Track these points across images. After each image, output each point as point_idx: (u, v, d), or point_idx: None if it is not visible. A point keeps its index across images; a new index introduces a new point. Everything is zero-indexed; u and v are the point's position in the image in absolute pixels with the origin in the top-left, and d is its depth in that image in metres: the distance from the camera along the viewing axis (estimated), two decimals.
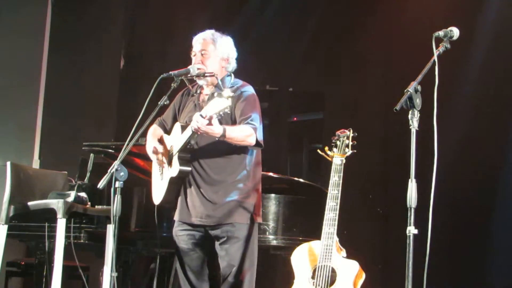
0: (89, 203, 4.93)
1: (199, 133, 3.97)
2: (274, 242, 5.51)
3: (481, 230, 7.27)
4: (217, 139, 4.03)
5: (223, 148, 4.23)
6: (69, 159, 5.96)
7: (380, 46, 7.89)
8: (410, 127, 3.33)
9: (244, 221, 4.25)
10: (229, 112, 3.91)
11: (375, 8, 8.02)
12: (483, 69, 7.12)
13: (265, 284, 4.41)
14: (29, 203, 4.89)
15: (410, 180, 3.29)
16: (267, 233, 5.51)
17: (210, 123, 3.84)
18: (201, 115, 3.81)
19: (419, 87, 3.39)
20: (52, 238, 4.75)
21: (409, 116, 3.35)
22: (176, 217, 4.38)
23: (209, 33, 4.41)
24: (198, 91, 4.45)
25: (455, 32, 3.49)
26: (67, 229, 4.67)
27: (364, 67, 7.89)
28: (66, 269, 4.61)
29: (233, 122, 4.20)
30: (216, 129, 3.94)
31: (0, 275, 4.88)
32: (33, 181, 5.23)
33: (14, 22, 7.41)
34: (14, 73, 7.25)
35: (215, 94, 3.89)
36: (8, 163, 5.00)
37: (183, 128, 4.17)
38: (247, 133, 4.15)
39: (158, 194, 4.40)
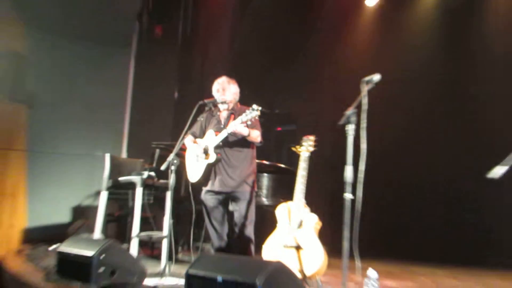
0: (156, 178, 4.96)
1: (234, 132, 4.13)
2: (265, 202, 5.55)
3: (399, 199, 7.28)
4: (237, 138, 4.21)
5: (240, 145, 4.33)
6: (145, 152, 6.00)
7: (329, 81, 7.79)
8: (347, 133, 3.43)
9: (247, 190, 4.34)
10: (252, 122, 4.10)
11: (329, 56, 7.91)
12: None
13: (259, 228, 4.44)
14: (120, 178, 4.98)
15: (347, 165, 3.38)
16: (262, 197, 5.57)
17: (245, 126, 4.08)
18: (242, 121, 4.04)
19: (354, 110, 3.47)
20: (133, 199, 4.79)
21: (347, 127, 3.44)
22: (206, 187, 4.40)
23: (224, 78, 4.49)
24: (218, 113, 4.50)
25: (377, 77, 3.53)
26: (143, 194, 4.75)
27: (321, 94, 7.82)
28: (142, 218, 4.65)
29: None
30: (245, 131, 4.14)
31: (103, 221, 4.92)
32: (122, 165, 5.28)
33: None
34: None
35: (251, 108, 4.06)
36: (107, 154, 5.08)
37: (216, 133, 4.29)
38: (257, 134, 4.31)
39: (195, 174, 4.41)
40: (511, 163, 2.87)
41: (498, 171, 2.91)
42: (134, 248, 4.43)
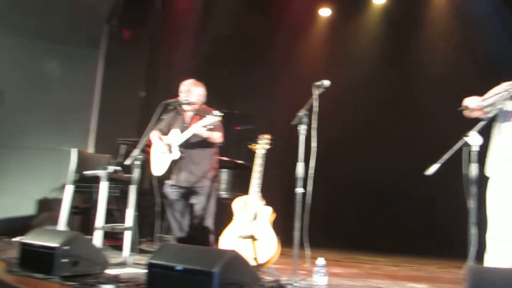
0: (121, 173, 4.87)
1: (197, 134, 4.12)
2: (223, 196, 5.54)
3: (345, 193, 7.39)
4: (204, 138, 4.20)
5: (203, 144, 4.30)
6: (111, 148, 5.87)
7: (283, 84, 7.80)
8: (299, 133, 3.46)
9: (208, 184, 4.31)
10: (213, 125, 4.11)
11: (285, 61, 7.91)
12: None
13: (217, 220, 4.42)
14: (85, 172, 4.86)
15: (298, 162, 3.41)
16: (221, 191, 5.55)
17: (206, 129, 4.08)
18: (203, 125, 4.06)
19: (306, 113, 3.51)
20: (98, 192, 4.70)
21: (299, 127, 3.47)
22: (169, 181, 4.36)
23: (191, 80, 4.45)
24: (183, 113, 4.46)
25: (327, 83, 3.58)
26: (109, 188, 4.63)
27: (276, 96, 7.80)
28: (107, 211, 4.54)
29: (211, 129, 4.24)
30: (206, 134, 4.15)
31: (68, 214, 4.79)
32: (88, 160, 5.19)
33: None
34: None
35: (211, 113, 4.06)
36: (74, 149, 4.95)
37: (182, 131, 4.25)
38: (218, 135, 4.30)
39: (159, 169, 4.36)
40: (443, 161, 2.97)
41: (433, 169, 3.00)
42: (97, 240, 4.33)
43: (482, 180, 3.16)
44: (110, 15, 7.42)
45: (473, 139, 2.94)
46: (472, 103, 3.11)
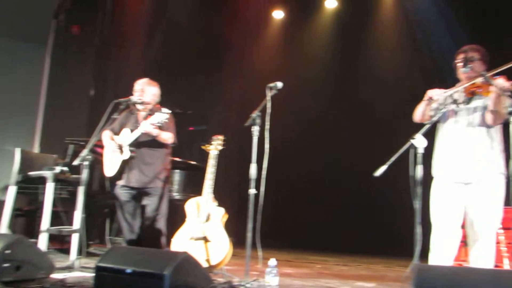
0: (68, 173, 4.72)
1: (146, 132, 4.06)
2: (176, 197, 5.47)
3: (297, 194, 7.52)
4: (152, 137, 4.12)
5: (154, 143, 4.23)
6: (58, 148, 5.66)
7: (236, 86, 7.84)
8: (253, 134, 3.47)
9: (160, 185, 4.25)
10: (163, 123, 4.06)
11: (239, 63, 7.91)
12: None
13: (170, 221, 4.36)
14: (30, 173, 4.69)
15: (252, 163, 3.42)
16: (173, 192, 5.48)
17: (155, 127, 4.02)
18: (151, 123, 4.00)
19: (259, 114, 3.53)
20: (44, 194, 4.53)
21: (253, 128, 3.49)
22: (120, 182, 4.28)
23: (146, 80, 4.38)
24: (137, 113, 4.38)
25: (280, 84, 3.62)
26: (55, 189, 4.52)
27: (230, 97, 7.85)
28: (53, 213, 4.40)
29: (161, 129, 4.19)
30: (155, 132, 4.07)
31: (10, 216, 4.58)
32: (33, 160, 5.00)
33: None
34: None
35: (158, 111, 4.01)
36: (17, 149, 4.75)
37: (132, 131, 4.18)
38: (168, 136, 4.22)
39: (111, 169, 4.28)
40: (390, 163, 3.07)
41: (381, 170, 3.10)
42: (42, 243, 4.18)
43: (428, 181, 3.28)
44: (57, 10, 7.19)
45: (419, 141, 3.05)
46: (435, 94, 3.21)
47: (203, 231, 4.00)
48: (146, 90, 4.32)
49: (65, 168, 4.64)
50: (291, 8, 8.11)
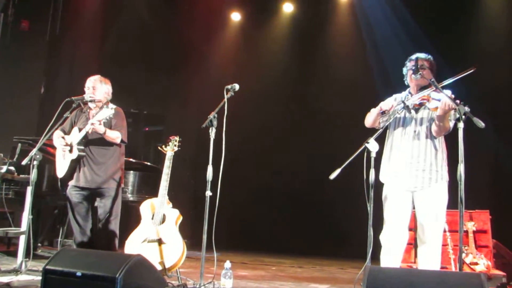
0: (16, 173, 4.58)
1: (92, 130, 3.96)
2: (130, 198, 5.38)
3: (253, 196, 7.50)
4: (101, 135, 4.02)
5: (105, 142, 4.14)
6: (5, 147, 5.44)
7: (195, 86, 7.80)
8: (210, 136, 3.46)
9: (113, 186, 4.18)
10: (109, 120, 3.98)
11: (197, 64, 7.87)
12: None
13: (124, 223, 4.28)
14: None
15: (209, 165, 3.41)
16: (127, 193, 5.39)
17: (99, 124, 3.91)
18: (97, 119, 3.91)
19: (215, 115, 3.52)
20: None
21: (210, 129, 3.48)
22: (72, 182, 4.17)
23: (97, 77, 4.28)
24: (88, 111, 4.28)
25: (237, 86, 3.62)
26: (1, 189, 4.35)
27: (186, 97, 7.80)
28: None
29: (111, 127, 4.11)
30: (101, 129, 3.96)
31: None
32: None
33: None
34: None
35: (104, 107, 3.89)
36: None
37: (80, 130, 4.09)
38: (116, 135, 4.13)
39: (61, 169, 4.18)
40: (344, 166, 3.15)
41: (335, 173, 3.16)
42: None
43: (380, 184, 3.38)
44: (6, 4, 6.92)
45: (372, 145, 3.15)
46: (387, 106, 3.33)
47: (157, 233, 3.94)
48: (97, 88, 4.22)
49: (12, 168, 4.48)
50: (249, 11, 8.15)
